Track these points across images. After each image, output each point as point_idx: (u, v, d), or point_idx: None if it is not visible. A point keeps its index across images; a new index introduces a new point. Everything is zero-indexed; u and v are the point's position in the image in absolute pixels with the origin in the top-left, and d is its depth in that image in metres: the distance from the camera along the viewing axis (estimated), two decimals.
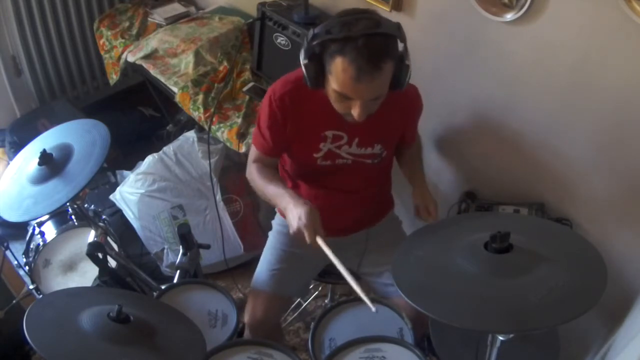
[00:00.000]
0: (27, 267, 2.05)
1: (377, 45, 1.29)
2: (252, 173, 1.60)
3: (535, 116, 1.70)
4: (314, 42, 1.34)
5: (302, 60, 1.38)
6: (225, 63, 2.34)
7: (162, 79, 2.36)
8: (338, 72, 1.32)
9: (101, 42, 2.70)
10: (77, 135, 1.81)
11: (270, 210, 1.90)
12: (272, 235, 1.82)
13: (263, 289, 1.68)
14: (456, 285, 1.15)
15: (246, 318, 1.65)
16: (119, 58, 2.58)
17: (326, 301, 2.11)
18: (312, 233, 1.36)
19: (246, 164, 1.67)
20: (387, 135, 1.61)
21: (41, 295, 1.99)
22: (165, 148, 2.46)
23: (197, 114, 2.20)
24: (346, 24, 1.30)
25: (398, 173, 1.77)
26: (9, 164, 2.14)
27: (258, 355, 1.41)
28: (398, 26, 1.35)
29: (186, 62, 2.36)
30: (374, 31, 1.28)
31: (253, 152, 1.63)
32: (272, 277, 1.69)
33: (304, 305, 2.28)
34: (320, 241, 1.37)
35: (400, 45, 1.37)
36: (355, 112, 1.37)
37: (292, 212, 1.40)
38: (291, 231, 1.40)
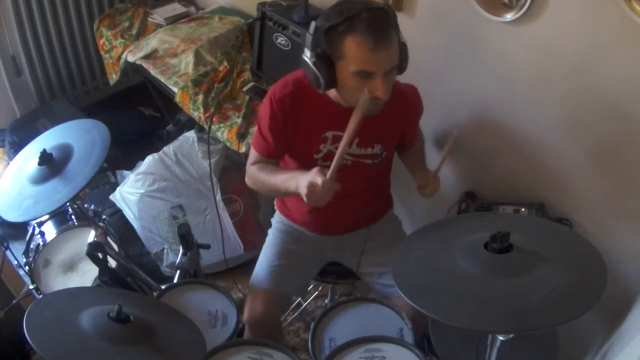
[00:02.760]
0: (27, 267, 2.05)
1: (382, 16, 1.33)
2: (253, 174, 1.60)
3: (535, 116, 1.70)
4: (318, 33, 1.35)
5: (310, 60, 1.38)
6: (225, 63, 2.34)
7: (162, 79, 2.36)
8: (352, 50, 1.33)
9: (101, 42, 2.70)
10: (77, 135, 1.81)
11: (270, 210, 1.90)
12: (271, 233, 1.82)
13: (262, 286, 1.68)
14: (456, 285, 1.15)
15: (245, 315, 1.65)
16: (119, 58, 2.58)
17: (326, 301, 2.11)
18: (323, 177, 1.36)
19: (246, 163, 1.67)
20: (387, 135, 1.61)
21: (41, 295, 1.99)
22: (165, 148, 2.46)
23: (197, 114, 2.20)
24: (343, 8, 1.33)
25: (398, 173, 1.77)
26: (9, 164, 2.15)
27: (258, 355, 1.42)
28: (387, 4, 1.39)
29: (186, 62, 2.36)
30: (372, 6, 1.33)
31: (253, 157, 1.63)
32: (271, 274, 1.69)
33: (304, 305, 2.28)
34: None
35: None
36: (379, 89, 1.36)
37: (304, 179, 1.39)
38: (304, 194, 1.38)
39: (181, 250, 1.84)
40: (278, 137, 1.56)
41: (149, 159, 2.44)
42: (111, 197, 2.47)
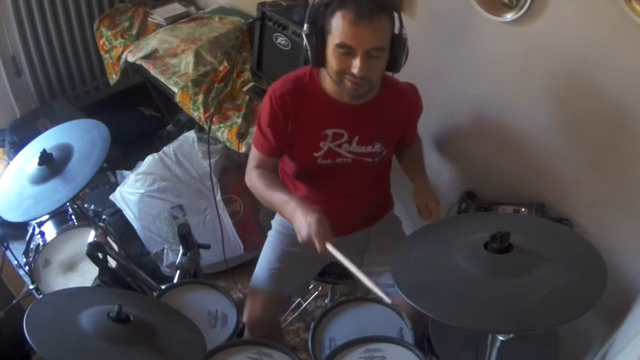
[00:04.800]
0: (27, 267, 2.05)
1: None
2: (253, 180, 1.57)
3: (535, 116, 1.70)
4: (315, 8, 1.39)
5: (304, 32, 1.41)
6: (225, 63, 2.34)
7: (162, 79, 2.36)
8: (338, 23, 1.36)
9: (101, 42, 2.70)
10: (77, 135, 1.81)
11: (271, 211, 1.90)
12: (271, 235, 1.82)
13: (262, 288, 1.68)
14: (456, 285, 1.15)
15: (245, 317, 1.65)
16: (119, 58, 2.58)
17: (326, 301, 2.11)
18: (322, 241, 1.35)
19: (246, 163, 1.66)
20: (386, 133, 1.61)
21: (41, 295, 1.99)
22: (165, 148, 2.46)
23: (197, 114, 2.20)
24: None
25: (398, 173, 1.77)
26: (9, 164, 2.15)
27: (258, 355, 1.41)
28: None
29: (186, 62, 2.36)
30: None
31: (254, 157, 1.61)
32: (271, 277, 1.69)
33: (304, 305, 2.28)
34: (330, 247, 1.36)
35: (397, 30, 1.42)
36: (355, 65, 1.37)
37: (301, 220, 1.38)
38: (300, 239, 1.39)
39: (181, 250, 1.84)
40: (278, 134, 1.55)
41: (149, 159, 2.44)
42: (111, 197, 2.47)
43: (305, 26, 1.42)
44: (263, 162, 1.59)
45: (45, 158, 1.73)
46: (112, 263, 1.88)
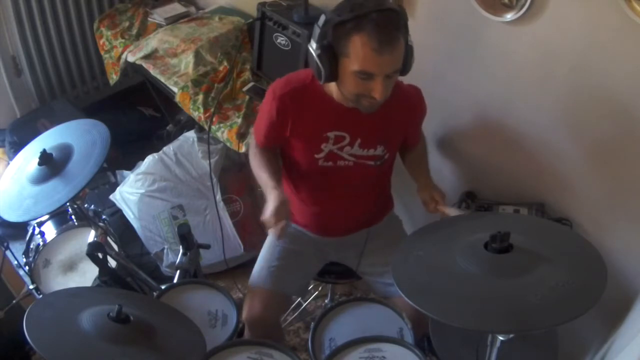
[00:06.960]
0: (27, 267, 2.05)
1: (391, 18, 1.32)
2: (251, 156, 1.66)
3: (535, 116, 1.70)
4: (327, 26, 1.35)
5: (315, 52, 1.38)
6: (225, 63, 2.34)
7: (162, 79, 2.36)
8: (357, 49, 1.32)
9: (101, 42, 2.70)
10: (77, 135, 1.81)
11: None
12: (271, 233, 1.82)
13: (261, 286, 1.67)
14: (456, 285, 1.15)
15: (244, 315, 1.64)
16: (119, 58, 2.58)
17: (326, 301, 2.11)
18: (273, 225, 1.42)
19: (246, 163, 1.68)
20: (389, 136, 1.61)
21: (41, 295, 1.99)
22: (165, 148, 2.46)
23: (197, 114, 2.20)
24: (355, 4, 1.32)
25: (398, 173, 1.77)
26: (9, 164, 2.15)
27: (258, 355, 1.42)
28: (400, 6, 1.38)
29: (186, 62, 2.36)
30: (385, 7, 1.32)
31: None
32: (270, 274, 1.69)
33: (304, 305, 2.28)
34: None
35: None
36: (377, 90, 1.37)
37: (268, 203, 1.46)
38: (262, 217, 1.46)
39: (181, 250, 1.84)
40: (269, 133, 1.59)
41: (149, 159, 2.45)
42: (111, 197, 2.47)
43: (315, 45, 1.38)
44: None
45: (45, 158, 1.73)
46: (112, 263, 1.89)
